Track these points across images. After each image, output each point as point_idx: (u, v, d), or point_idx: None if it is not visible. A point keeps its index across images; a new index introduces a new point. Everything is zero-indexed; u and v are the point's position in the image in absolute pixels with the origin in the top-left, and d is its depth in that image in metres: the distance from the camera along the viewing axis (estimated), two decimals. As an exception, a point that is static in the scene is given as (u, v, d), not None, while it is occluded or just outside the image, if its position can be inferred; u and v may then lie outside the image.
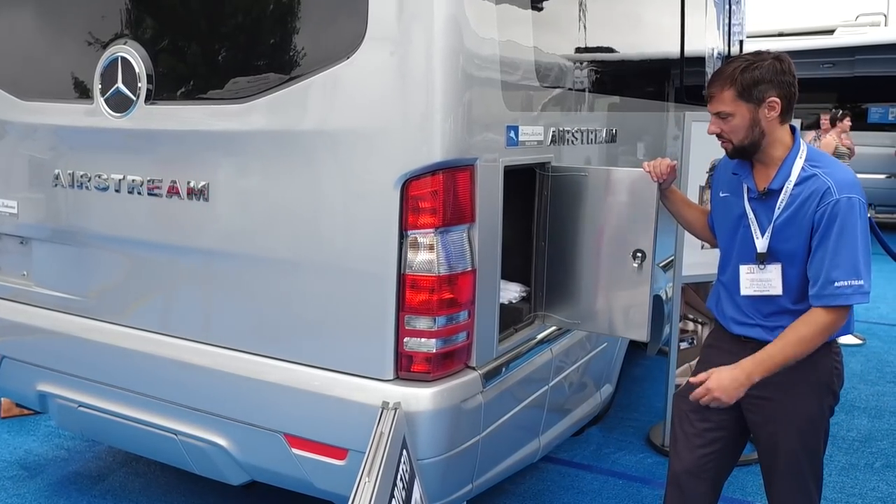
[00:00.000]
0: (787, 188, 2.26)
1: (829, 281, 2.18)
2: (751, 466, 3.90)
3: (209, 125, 2.63)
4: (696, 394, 2.28)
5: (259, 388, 2.60)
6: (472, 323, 2.50)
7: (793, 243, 2.27)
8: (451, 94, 2.30)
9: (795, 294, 2.31)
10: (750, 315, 2.40)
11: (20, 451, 3.98)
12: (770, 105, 2.23)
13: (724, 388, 2.23)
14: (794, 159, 2.28)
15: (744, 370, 2.23)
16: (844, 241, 2.17)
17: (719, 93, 2.27)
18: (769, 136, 2.27)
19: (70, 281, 3.07)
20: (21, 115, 3.09)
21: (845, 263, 2.17)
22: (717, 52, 5.41)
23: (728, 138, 2.31)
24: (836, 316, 2.20)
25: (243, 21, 2.61)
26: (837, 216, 2.17)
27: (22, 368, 3.20)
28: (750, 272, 2.36)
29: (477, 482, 2.67)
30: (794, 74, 2.27)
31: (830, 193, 2.19)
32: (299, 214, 2.50)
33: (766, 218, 2.31)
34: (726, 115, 2.27)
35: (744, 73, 2.22)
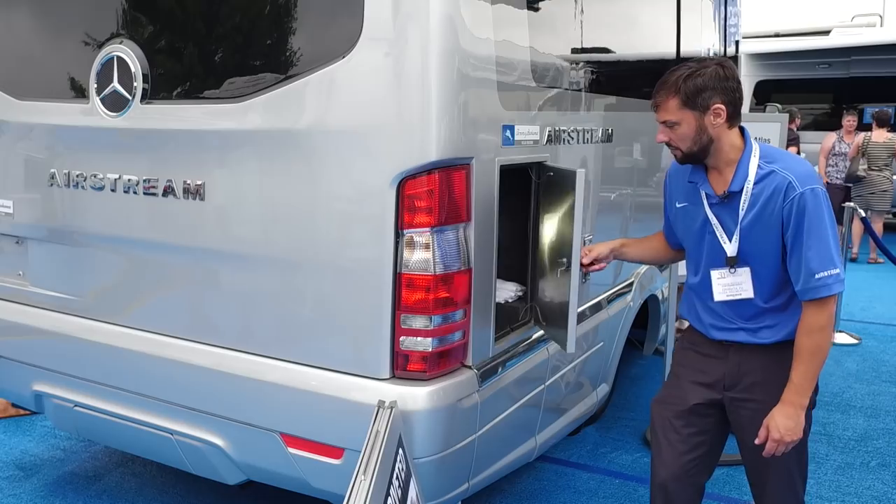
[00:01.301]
0: (748, 188, 2.26)
1: (810, 274, 2.19)
2: (747, 465, 3.91)
3: (205, 124, 2.63)
4: (770, 450, 2.28)
5: (255, 388, 2.60)
6: (467, 322, 2.50)
7: (763, 242, 2.27)
8: (446, 93, 2.30)
9: (768, 293, 2.32)
10: (730, 320, 2.39)
11: (16, 452, 3.97)
12: (715, 112, 2.24)
13: (790, 428, 2.25)
14: (748, 159, 2.28)
15: (794, 405, 2.25)
16: (816, 232, 2.19)
17: (664, 102, 2.28)
18: (718, 142, 2.28)
19: (66, 281, 3.06)
20: (17, 115, 3.08)
21: (821, 254, 2.19)
22: (713, 52, 5.41)
23: (677, 146, 2.32)
24: (826, 307, 2.22)
25: (239, 20, 2.61)
26: (805, 209, 2.19)
27: (18, 368, 3.19)
28: (721, 277, 2.35)
29: (473, 481, 2.68)
30: (738, 79, 2.29)
31: (793, 188, 2.20)
32: (295, 214, 2.50)
33: (731, 221, 2.31)
34: (672, 123, 2.28)
35: (687, 82, 2.23)
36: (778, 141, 4.04)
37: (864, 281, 8.60)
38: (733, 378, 2.41)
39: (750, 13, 11.93)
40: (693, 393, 2.47)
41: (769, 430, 2.27)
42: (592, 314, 3.47)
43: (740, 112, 2.29)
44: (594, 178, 3.39)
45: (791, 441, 2.26)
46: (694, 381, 2.48)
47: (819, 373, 2.27)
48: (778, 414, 2.26)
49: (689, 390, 2.49)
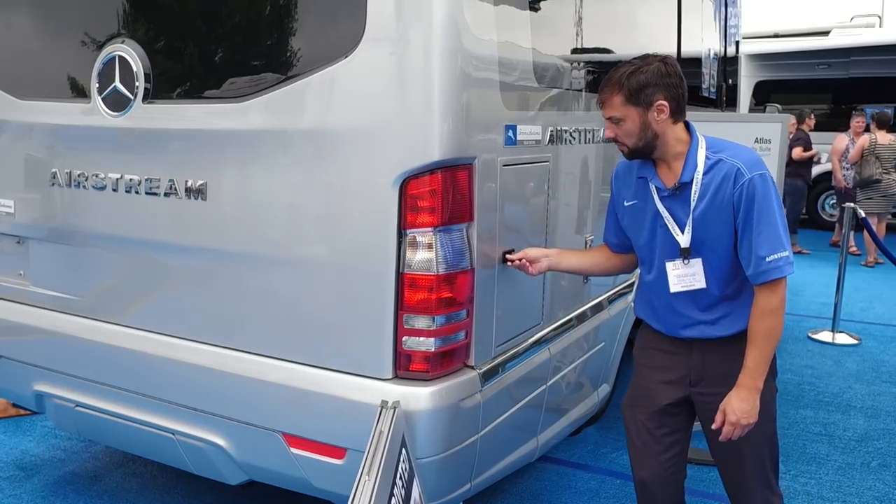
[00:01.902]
0: (698, 178, 2.29)
1: (760, 258, 2.22)
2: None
3: (207, 124, 2.62)
4: (727, 434, 2.30)
5: (258, 388, 2.60)
6: (470, 322, 2.50)
7: (715, 231, 2.30)
8: (449, 93, 2.30)
9: (722, 281, 2.35)
10: (688, 314, 2.40)
11: (16, 452, 3.96)
12: (658, 108, 2.27)
13: (746, 411, 2.27)
14: (696, 150, 2.31)
15: (749, 388, 2.27)
16: (766, 217, 2.22)
17: (609, 98, 2.31)
18: (663, 136, 2.31)
19: (67, 280, 3.06)
20: (18, 115, 3.08)
21: (770, 238, 2.22)
22: (713, 53, 5.42)
23: (623, 142, 2.34)
24: (778, 290, 2.24)
25: (241, 20, 2.60)
26: (755, 194, 2.22)
27: (19, 368, 3.19)
28: (675, 268, 2.37)
29: (475, 481, 2.67)
30: (681, 76, 2.32)
31: (742, 174, 2.24)
32: (298, 213, 2.50)
33: (682, 212, 2.33)
34: (618, 119, 2.31)
35: (630, 79, 2.26)
36: (779, 142, 4.03)
37: (864, 281, 8.61)
38: (698, 373, 2.43)
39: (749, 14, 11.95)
40: (661, 393, 2.49)
41: (725, 414, 2.29)
42: (593, 315, 3.47)
43: (684, 108, 2.33)
44: (595, 178, 3.39)
45: (747, 424, 2.27)
46: (660, 381, 2.50)
47: (772, 356, 2.30)
48: (734, 397, 2.28)
49: (656, 391, 2.51)
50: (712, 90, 5.45)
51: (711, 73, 5.39)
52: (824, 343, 6.21)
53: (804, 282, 8.54)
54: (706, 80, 5.23)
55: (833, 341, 6.23)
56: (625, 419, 2.63)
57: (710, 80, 5.35)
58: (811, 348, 6.08)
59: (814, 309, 7.26)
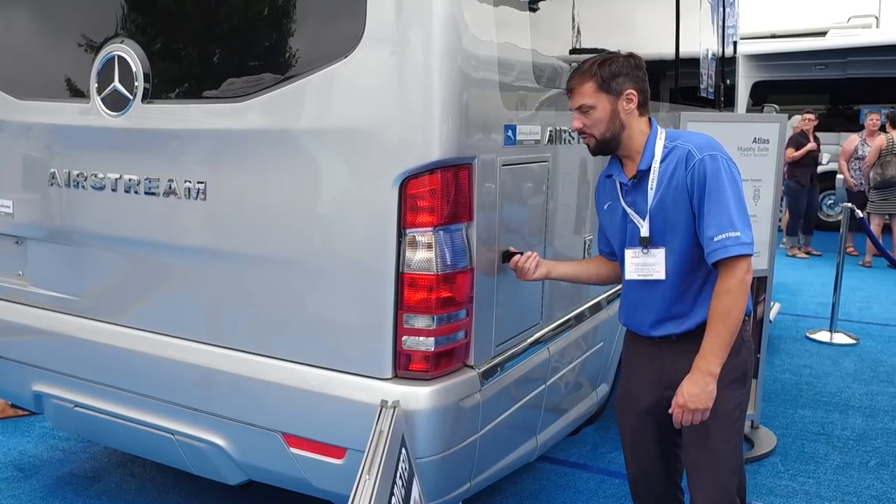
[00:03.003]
0: (655, 166, 2.31)
1: (708, 238, 2.21)
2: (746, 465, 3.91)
3: (207, 124, 2.62)
4: (676, 418, 2.28)
5: (257, 388, 2.60)
6: (469, 322, 2.50)
7: (674, 217, 2.29)
8: (449, 93, 2.30)
9: (686, 271, 2.33)
10: (655, 311, 2.39)
11: (14, 453, 3.96)
12: (628, 97, 2.31)
13: (695, 395, 2.23)
14: (654, 140, 2.34)
15: (701, 370, 2.23)
16: (715, 196, 2.20)
17: (580, 86, 2.33)
18: (629, 129, 2.34)
19: (66, 281, 3.06)
20: (17, 115, 3.07)
21: (719, 218, 2.19)
22: (711, 54, 5.43)
23: (590, 132, 2.35)
24: (734, 271, 2.19)
25: (241, 20, 2.60)
26: (705, 174, 2.22)
27: (17, 369, 3.18)
28: (635, 256, 2.38)
29: (475, 481, 2.67)
30: (646, 72, 2.37)
31: (692, 155, 2.25)
32: (297, 213, 2.50)
33: (643, 202, 2.34)
34: (588, 107, 2.32)
35: (602, 67, 2.31)
36: (777, 142, 4.04)
37: (862, 281, 8.62)
38: (670, 376, 2.38)
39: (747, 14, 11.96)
40: (643, 395, 2.49)
41: (676, 396, 2.27)
42: (592, 314, 3.48)
43: (648, 102, 2.38)
44: (593, 178, 3.37)
45: (695, 409, 2.23)
46: (641, 383, 2.50)
47: (730, 342, 2.23)
48: (686, 380, 2.25)
49: (638, 393, 2.51)
50: (710, 90, 5.45)
51: (710, 73, 5.40)
52: (822, 343, 6.22)
53: (802, 282, 8.56)
54: (704, 81, 5.23)
55: (831, 341, 6.24)
56: (617, 418, 2.65)
57: (709, 80, 5.36)
58: (809, 348, 6.09)
59: (811, 309, 7.28)
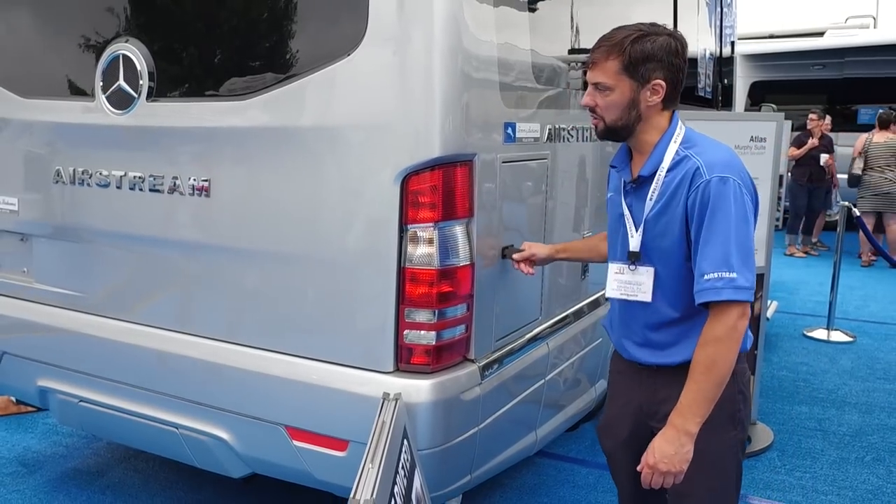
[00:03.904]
0: (660, 175, 1.99)
1: (700, 274, 1.90)
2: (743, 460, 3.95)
3: (211, 122, 2.66)
4: (645, 479, 1.98)
5: (261, 381, 2.63)
6: (470, 316, 2.54)
7: (667, 238, 1.99)
8: (449, 91, 2.34)
9: (673, 300, 2.03)
10: (636, 333, 2.13)
11: (19, 448, 3.99)
12: (654, 88, 1.97)
13: (667, 456, 1.92)
14: (667, 143, 2.00)
15: (675, 427, 1.93)
16: (717, 227, 1.88)
17: (603, 61, 1.98)
18: (646, 122, 2.01)
19: (71, 277, 3.09)
20: (22, 113, 3.11)
21: (716, 253, 1.88)
22: (709, 53, 5.47)
23: (601, 115, 2.03)
24: (725, 316, 1.88)
25: (244, 19, 2.64)
26: (709, 200, 1.89)
27: (23, 364, 3.22)
28: (619, 272, 2.09)
29: (475, 473, 2.71)
30: (686, 59, 2.02)
31: (700, 174, 1.91)
32: (301, 210, 2.53)
33: (640, 211, 2.05)
34: (605, 88, 1.99)
35: (635, 45, 1.95)
36: (773, 141, 4.08)
37: (859, 280, 8.67)
38: (651, 405, 2.15)
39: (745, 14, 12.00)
40: (622, 423, 2.26)
41: (647, 453, 1.96)
42: (591, 311, 3.51)
43: (678, 96, 2.05)
44: (592, 175, 3.43)
45: (667, 471, 1.92)
46: (622, 409, 2.26)
47: (715, 397, 1.91)
48: (659, 437, 1.95)
49: (619, 421, 2.27)
50: (708, 90, 5.50)
51: (707, 73, 5.44)
52: (819, 341, 6.26)
53: (800, 281, 8.60)
54: (702, 80, 5.28)
55: (828, 339, 6.27)
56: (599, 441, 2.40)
57: (706, 80, 5.40)
58: (806, 346, 6.13)
59: (809, 307, 7.32)
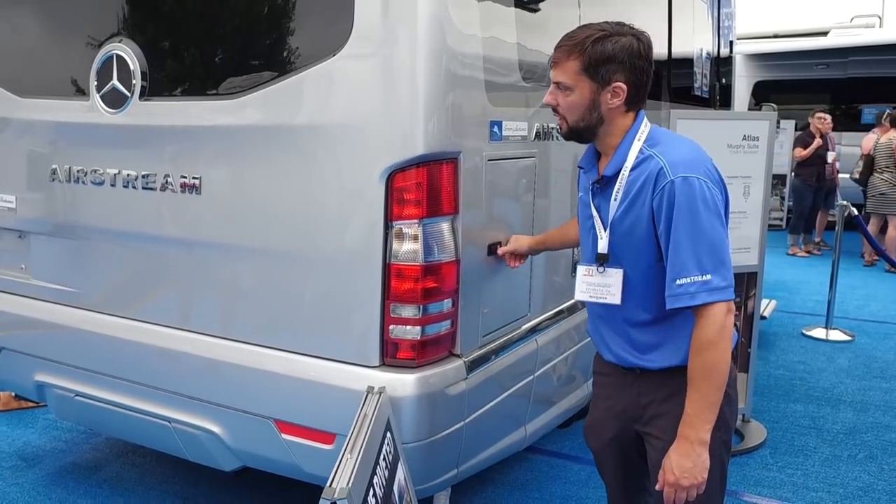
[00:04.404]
0: (623, 175, 1.96)
1: (672, 279, 1.88)
2: (735, 457, 3.98)
3: (200, 120, 2.71)
4: (668, 496, 1.93)
5: (250, 376, 2.67)
6: (455, 312, 2.57)
7: (634, 238, 1.97)
8: (433, 90, 2.38)
9: (643, 303, 2.01)
10: (615, 335, 2.11)
11: (19, 443, 4.05)
12: (614, 90, 1.95)
13: (687, 469, 1.89)
14: (630, 142, 1.98)
15: (687, 439, 1.90)
16: (684, 229, 1.86)
17: (564, 61, 1.97)
18: (609, 125, 2.00)
19: (67, 274, 3.14)
20: (19, 112, 3.17)
21: (686, 256, 1.86)
22: (706, 53, 5.49)
23: (563, 115, 2.02)
24: (712, 318, 1.86)
25: (233, 19, 2.69)
26: (674, 202, 1.86)
27: (20, 359, 3.27)
28: (588, 274, 2.06)
29: (462, 467, 2.74)
30: (651, 60, 2.00)
31: (664, 175, 1.89)
32: (288, 207, 2.57)
33: (607, 212, 2.02)
34: (566, 87, 1.98)
35: (595, 45, 1.93)
36: (767, 140, 4.10)
37: (860, 279, 8.66)
38: (636, 409, 2.13)
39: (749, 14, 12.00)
40: (607, 425, 2.24)
41: (664, 472, 1.93)
42: (582, 308, 3.54)
43: (644, 96, 2.02)
44: (583, 174, 3.45)
45: (690, 485, 1.89)
46: (607, 411, 2.24)
47: (719, 399, 1.90)
48: (673, 452, 1.92)
49: (603, 422, 2.26)
50: (705, 89, 5.52)
51: (704, 72, 5.46)
52: (818, 340, 6.27)
53: (801, 280, 8.60)
54: (698, 80, 5.30)
55: (826, 338, 6.28)
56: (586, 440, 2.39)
57: (703, 79, 5.42)
58: (804, 345, 6.14)
59: (809, 306, 7.32)
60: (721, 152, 3.88)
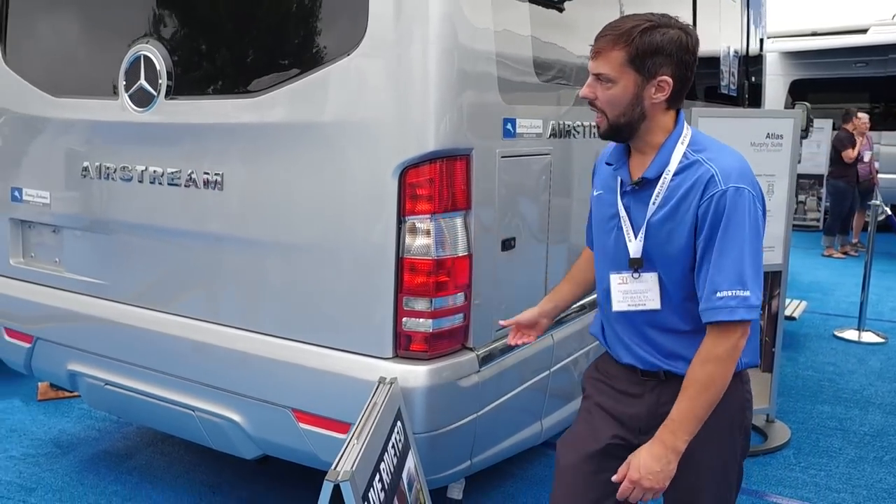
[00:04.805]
0: (665, 178, 1.87)
1: (712, 291, 1.80)
2: (757, 457, 3.96)
3: (221, 118, 2.80)
4: (623, 490, 1.87)
5: (268, 366, 2.75)
6: (468, 305, 2.62)
7: (673, 245, 1.88)
8: (445, 88, 2.43)
9: (677, 310, 1.93)
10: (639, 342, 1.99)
11: (55, 431, 4.20)
12: (659, 85, 1.85)
13: (653, 472, 1.82)
14: (674, 144, 1.89)
15: (664, 444, 1.83)
16: (732, 241, 1.79)
17: (608, 51, 1.84)
18: (650, 121, 1.89)
19: (97, 267, 3.26)
20: (54, 111, 3.29)
21: (729, 269, 1.79)
22: (733, 51, 5.45)
23: (602, 110, 1.89)
24: (729, 336, 1.80)
25: (252, 21, 2.78)
26: (724, 212, 1.79)
27: (54, 349, 3.40)
28: (622, 282, 1.96)
29: (475, 459, 2.79)
30: (697, 56, 1.90)
31: (715, 183, 1.81)
32: (305, 202, 2.65)
33: (640, 215, 1.92)
34: (608, 79, 1.86)
35: (644, 36, 1.82)
36: (791, 138, 4.07)
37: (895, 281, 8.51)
38: (651, 418, 1.98)
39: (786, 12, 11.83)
40: (599, 435, 2.06)
41: (628, 468, 1.86)
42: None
43: (684, 95, 1.93)
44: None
45: (650, 488, 1.83)
46: (609, 415, 2.08)
47: (705, 416, 1.84)
48: (645, 452, 1.85)
49: (594, 432, 2.07)
50: (732, 87, 5.48)
51: (732, 70, 5.42)
52: (849, 341, 6.17)
53: (836, 282, 8.46)
54: (725, 78, 5.26)
55: (859, 340, 6.18)
56: (556, 459, 2.15)
57: (730, 77, 5.38)
58: (835, 346, 6.05)
59: (843, 308, 7.21)
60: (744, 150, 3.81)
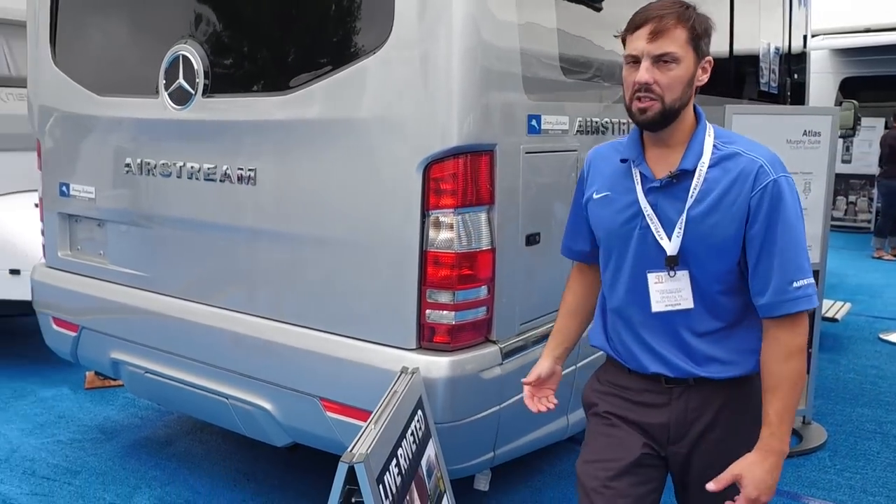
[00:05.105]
0: (701, 170, 1.79)
1: (787, 282, 1.74)
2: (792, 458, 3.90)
3: (255, 115, 2.89)
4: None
5: (298, 356, 2.84)
6: (491, 299, 2.66)
7: (716, 239, 1.79)
8: (468, 85, 2.48)
9: (710, 308, 1.85)
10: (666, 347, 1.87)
11: (100, 418, 4.37)
12: (704, 66, 1.81)
13: (770, 486, 1.75)
14: (703, 136, 1.82)
15: (773, 451, 1.76)
16: (792, 231, 1.75)
17: (672, 29, 1.73)
18: (688, 108, 1.82)
19: (139, 259, 3.39)
20: (98, 109, 3.44)
21: (796, 259, 1.75)
22: (774, 48, 5.38)
23: (659, 95, 1.75)
24: (802, 324, 1.76)
25: (284, 22, 2.87)
26: (782, 201, 1.74)
27: (99, 338, 3.54)
28: (659, 281, 1.85)
29: (499, 451, 2.82)
30: None
31: (766, 173, 1.75)
32: (333, 196, 2.72)
33: (673, 210, 1.82)
34: (673, 59, 1.74)
35: (698, 15, 1.77)
36: (829, 135, 4.01)
37: (946, 283, 8.26)
38: (680, 426, 1.89)
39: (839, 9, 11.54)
40: (634, 439, 1.93)
41: (742, 485, 1.75)
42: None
43: None
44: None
45: (766, 501, 1.76)
46: (634, 426, 1.94)
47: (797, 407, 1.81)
48: (756, 466, 1.75)
49: (629, 439, 1.93)
50: (773, 85, 5.40)
51: (772, 68, 5.35)
52: (894, 344, 6.03)
53: (885, 284, 8.26)
54: (765, 76, 5.20)
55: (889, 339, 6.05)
56: (580, 479, 1.98)
57: (771, 74, 5.31)
58: (879, 349, 5.92)
59: (890, 311, 7.03)
60: (780, 148, 3.82)
